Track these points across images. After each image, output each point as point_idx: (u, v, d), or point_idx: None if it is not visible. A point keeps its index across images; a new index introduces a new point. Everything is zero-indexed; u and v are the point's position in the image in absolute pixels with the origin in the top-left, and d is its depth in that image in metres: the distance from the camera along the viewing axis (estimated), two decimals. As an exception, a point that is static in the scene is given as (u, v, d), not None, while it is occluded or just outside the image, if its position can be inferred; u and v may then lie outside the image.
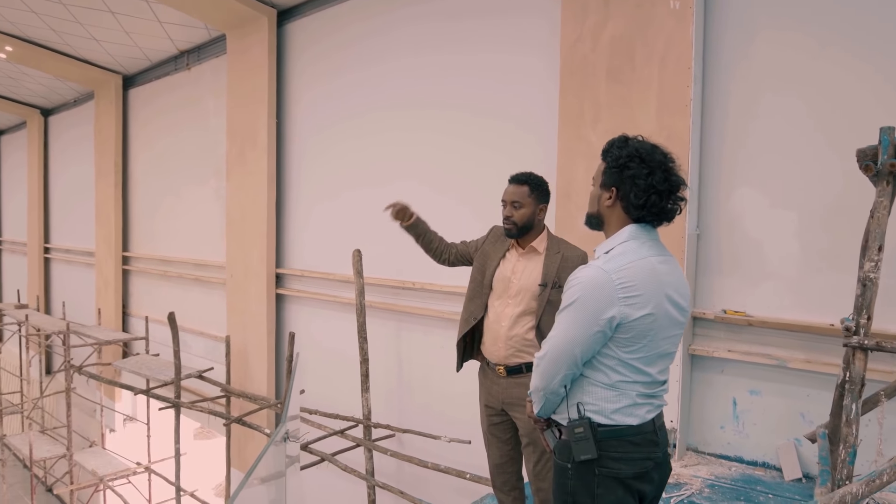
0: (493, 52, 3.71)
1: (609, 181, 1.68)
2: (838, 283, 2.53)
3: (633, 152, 1.64)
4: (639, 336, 1.60)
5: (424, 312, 4.09)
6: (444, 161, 4.01)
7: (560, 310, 1.66)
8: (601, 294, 1.56)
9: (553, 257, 2.47)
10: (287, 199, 5.31)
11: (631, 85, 2.94)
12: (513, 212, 2.46)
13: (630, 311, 1.57)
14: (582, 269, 1.64)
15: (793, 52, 2.64)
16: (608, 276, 1.56)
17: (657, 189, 1.62)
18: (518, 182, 2.48)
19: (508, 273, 2.49)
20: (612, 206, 1.68)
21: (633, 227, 1.66)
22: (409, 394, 4.28)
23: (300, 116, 5.16)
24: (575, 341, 1.61)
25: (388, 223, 4.41)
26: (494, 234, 2.65)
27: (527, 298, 2.42)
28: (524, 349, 2.42)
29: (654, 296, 1.59)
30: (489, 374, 2.53)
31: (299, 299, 5.19)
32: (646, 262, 1.61)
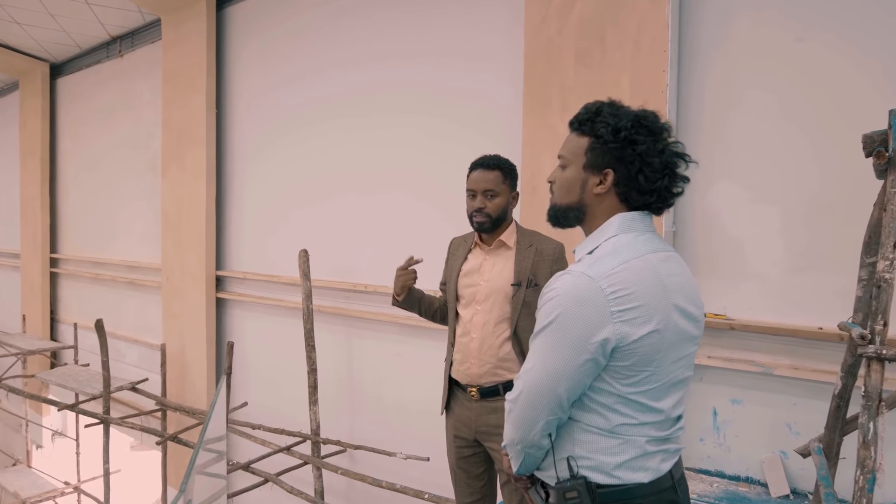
0: (452, 36, 3.44)
1: (602, 160, 1.29)
2: (827, 284, 2.34)
3: (637, 121, 1.27)
4: (643, 362, 1.20)
5: (378, 317, 3.79)
6: (399, 154, 3.71)
7: (534, 334, 1.26)
8: (588, 309, 1.17)
9: (525, 252, 2.17)
10: (228, 197, 4.92)
11: (602, 69, 2.71)
12: (486, 202, 2.17)
13: (628, 330, 1.17)
14: (559, 277, 1.24)
15: (775, 34, 2.44)
16: (594, 283, 1.17)
17: (672, 168, 1.28)
18: (487, 167, 2.17)
19: (474, 275, 2.19)
20: (604, 193, 1.30)
21: (624, 216, 1.29)
22: (361, 406, 3.97)
23: (243, 108, 4.78)
24: (557, 375, 1.21)
25: (339, 221, 4.11)
26: (454, 245, 2.37)
27: (499, 302, 2.13)
28: (501, 365, 2.13)
29: (658, 306, 1.20)
30: (459, 397, 2.22)
31: (242, 303, 4.81)
32: (643, 261, 1.23)
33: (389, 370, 3.80)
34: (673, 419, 1.29)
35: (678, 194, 1.32)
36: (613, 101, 1.35)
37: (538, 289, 2.12)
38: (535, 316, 2.18)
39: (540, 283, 2.13)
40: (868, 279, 1.89)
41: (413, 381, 3.64)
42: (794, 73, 2.39)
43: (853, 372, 1.99)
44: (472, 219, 2.20)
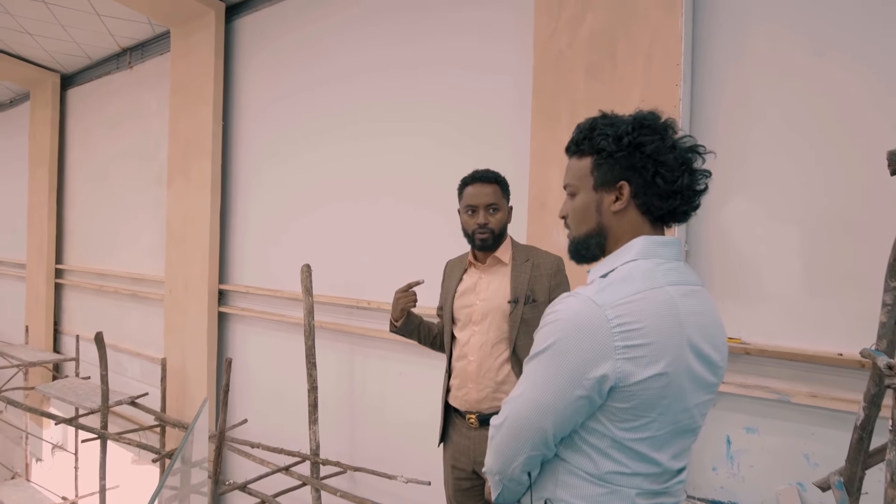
0: (460, 48, 3.38)
1: (611, 175, 1.17)
2: (848, 307, 2.24)
3: (637, 124, 1.17)
4: (644, 407, 1.07)
5: (381, 335, 3.69)
6: (407, 168, 3.64)
7: (529, 356, 1.14)
8: (588, 339, 1.04)
9: (521, 267, 2.10)
10: (233, 209, 4.87)
11: (612, 84, 2.63)
12: (489, 217, 2.09)
13: (631, 370, 1.04)
14: (563, 299, 1.12)
15: (791, 47, 2.36)
16: (600, 311, 1.04)
17: (689, 163, 1.16)
18: (486, 181, 2.11)
19: (470, 294, 2.12)
20: (623, 209, 1.17)
21: (648, 240, 1.16)
22: (362, 427, 3.86)
23: (249, 120, 4.74)
24: (545, 409, 1.09)
25: (343, 235, 4.04)
26: (449, 267, 2.30)
27: (496, 322, 2.04)
28: (500, 388, 2.03)
29: (670, 346, 1.07)
30: (458, 425, 2.13)
31: (244, 318, 4.73)
32: (661, 293, 1.09)
33: (392, 390, 3.70)
34: (672, 472, 1.16)
35: (703, 191, 1.20)
36: (605, 112, 1.26)
37: (536, 305, 2.04)
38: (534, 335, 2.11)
39: (538, 298, 2.06)
40: (893, 304, 1.79)
41: (415, 401, 3.54)
42: (812, 87, 2.30)
43: (877, 402, 1.88)
44: (473, 236, 2.11)
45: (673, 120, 1.21)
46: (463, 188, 2.17)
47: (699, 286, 1.20)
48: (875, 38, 2.18)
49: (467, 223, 2.12)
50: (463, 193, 2.17)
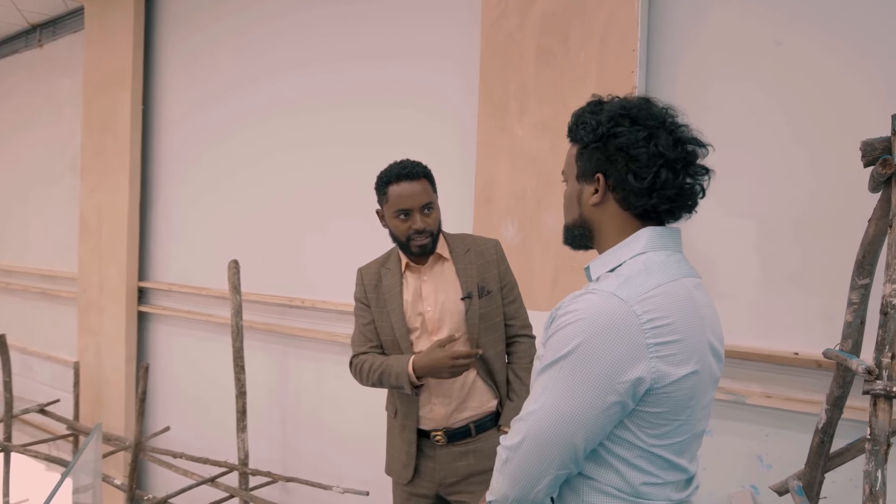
0: (402, 31, 3.18)
1: (589, 166, 1.11)
2: (805, 306, 2.17)
3: (616, 112, 1.08)
4: (677, 409, 0.99)
5: (316, 335, 3.46)
6: (346, 160, 3.41)
7: (543, 367, 1.01)
8: (619, 339, 0.95)
9: (464, 258, 1.90)
10: (154, 202, 4.52)
11: (565, 69, 2.49)
12: (426, 220, 1.83)
13: (666, 369, 0.96)
14: (579, 298, 1.01)
15: (750, 35, 2.27)
16: (627, 307, 0.96)
17: (667, 158, 1.04)
18: (415, 177, 1.85)
19: (416, 304, 1.88)
20: (600, 202, 1.10)
21: (654, 231, 1.07)
22: (295, 434, 3.62)
23: (173, 107, 4.40)
24: (576, 420, 0.97)
25: (274, 231, 3.78)
26: (369, 275, 1.99)
27: (454, 325, 1.85)
28: (470, 398, 1.85)
29: (697, 342, 1.01)
30: (422, 447, 1.91)
31: (166, 318, 4.40)
32: (679, 286, 1.02)
33: (327, 394, 3.48)
34: (692, 476, 1.11)
35: (692, 190, 1.08)
36: (601, 98, 1.17)
37: (491, 296, 1.86)
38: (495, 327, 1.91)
39: (492, 288, 1.89)
40: (860, 303, 1.71)
41: (353, 406, 3.33)
42: (773, 76, 2.22)
43: (839, 405, 1.81)
44: (409, 243, 1.85)
45: (666, 109, 1.09)
46: (385, 187, 1.88)
47: (699, 277, 1.13)
48: (838, 28, 2.11)
49: (399, 228, 1.85)
50: (387, 194, 1.87)
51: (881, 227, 1.60)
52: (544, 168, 2.52)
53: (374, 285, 1.97)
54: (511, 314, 1.97)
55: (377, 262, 2.04)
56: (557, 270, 2.51)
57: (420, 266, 1.92)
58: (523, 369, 1.95)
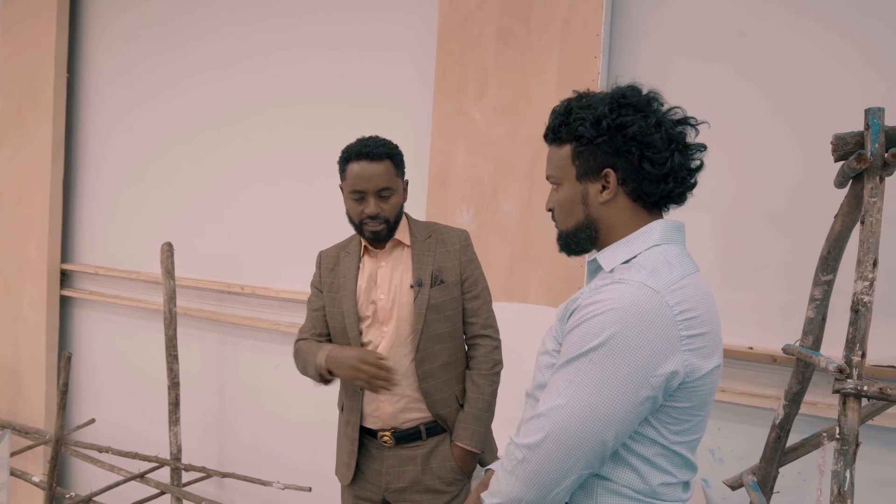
0: (353, 7, 3.01)
1: (594, 162, 1.07)
2: (761, 300, 2.17)
3: (616, 102, 1.05)
4: (702, 404, 0.99)
5: (255, 323, 3.29)
6: (286, 143, 3.24)
7: (567, 359, 0.95)
8: (654, 329, 0.92)
9: (424, 244, 1.79)
10: (80, 178, 4.20)
11: (526, 50, 2.40)
12: (381, 206, 1.71)
13: (697, 363, 0.95)
14: (606, 288, 0.97)
15: (714, 25, 2.23)
16: (660, 298, 0.93)
17: (678, 141, 1.06)
18: (375, 157, 1.71)
19: (370, 290, 1.77)
20: (613, 198, 1.07)
21: (667, 223, 1.07)
22: (233, 427, 3.45)
23: (103, 72, 4.08)
24: (607, 416, 0.92)
25: (212, 213, 3.57)
26: (328, 258, 1.88)
27: (407, 316, 1.75)
28: (420, 399, 1.74)
29: (718, 336, 1.02)
30: (365, 446, 1.81)
31: (92, 303, 4.11)
32: (698, 278, 1.03)
33: (267, 385, 3.32)
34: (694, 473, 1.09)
35: (698, 169, 1.10)
36: (581, 92, 1.14)
37: (446, 286, 1.75)
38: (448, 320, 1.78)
39: (447, 279, 1.77)
40: (822, 298, 1.70)
41: (295, 398, 3.18)
42: (736, 66, 2.19)
43: (797, 401, 1.80)
44: (361, 227, 1.74)
45: (656, 92, 1.10)
46: (346, 164, 1.75)
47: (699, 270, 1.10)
48: (805, 16, 2.09)
49: (353, 210, 1.74)
50: (346, 171, 1.75)
51: (847, 223, 1.59)
52: (503, 153, 2.43)
53: (331, 269, 1.86)
54: (472, 311, 1.84)
55: (338, 246, 1.92)
56: (514, 260, 2.43)
57: (379, 251, 1.82)
58: (482, 375, 1.81)
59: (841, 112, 1.94)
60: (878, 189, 1.41)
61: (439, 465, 1.78)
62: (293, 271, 3.18)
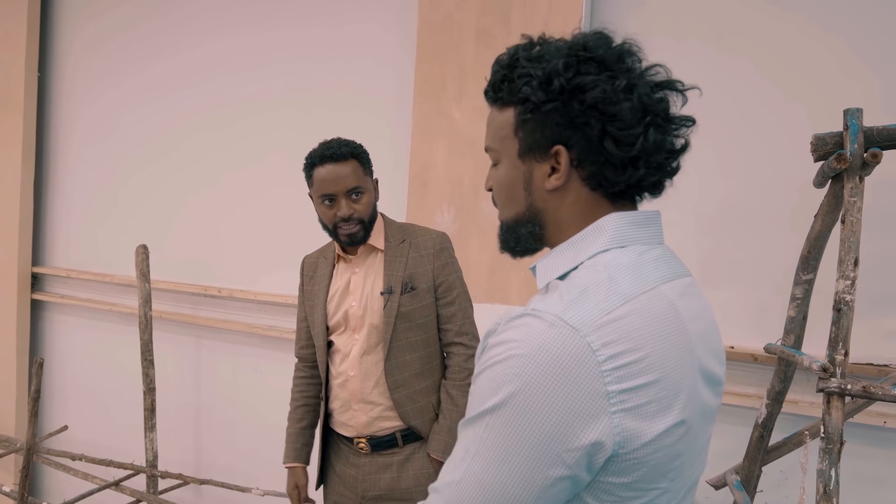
0: (332, 8, 2.98)
1: (542, 136, 0.80)
2: (740, 299, 2.17)
3: (576, 55, 0.78)
4: (654, 476, 0.71)
5: (232, 327, 3.24)
6: (266, 142, 3.19)
7: (467, 419, 0.73)
8: (568, 386, 0.66)
9: (397, 249, 1.76)
10: (51, 178, 4.11)
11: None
12: (353, 206, 1.69)
13: (638, 426, 0.68)
14: (516, 322, 0.71)
15: (692, 28, 2.24)
16: (580, 339, 0.67)
17: (653, 112, 0.78)
18: (340, 158, 1.69)
19: (344, 296, 1.76)
20: (564, 186, 0.80)
21: (620, 217, 0.80)
22: (210, 433, 3.39)
23: (77, 74, 4.00)
24: (506, 500, 0.68)
25: (189, 214, 3.50)
26: (309, 265, 1.89)
27: (376, 321, 1.73)
28: (393, 407, 1.72)
29: (682, 377, 0.72)
30: (342, 452, 1.80)
31: (64, 307, 4.02)
32: (657, 297, 0.74)
33: (245, 389, 3.27)
34: None
35: (682, 150, 0.83)
36: (532, 38, 0.85)
37: (417, 293, 1.71)
38: (420, 328, 1.74)
39: (418, 285, 1.73)
40: (803, 298, 1.70)
41: (274, 402, 3.12)
42: (714, 66, 2.20)
43: (780, 400, 1.81)
44: (336, 231, 1.72)
45: (632, 44, 0.82)
46: (311, 170, 1.74)
47: (688, 274, 0.85)
48: (786, 16, 2.10)
49: (326, 215, 1.72)
50: (313, 177, 1.73)
51: (827, 223, 1.59)
52: (484, 154, 2.40)
53: (311, 276, 1.86)
54: (446, 317, 1.79)
55: (319, 251, 1.91)
56: (494, 261, 2.42)
57: (352, 257, 1.79)
58: (455, 386, 1.77)
59: (820, 111, 1.96)
60: (858, 189, 1.41)
61: (416, 472, 1.76)
62: (270, 274, 3.14)
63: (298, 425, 1.91)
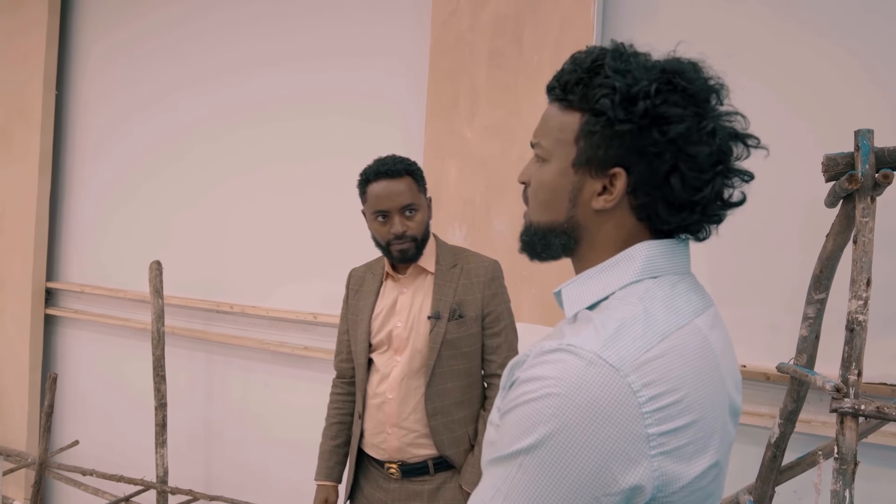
0: (347, 31, 3.03)
1: (607, 153, 0.75)
2: (754, 318, 2.18)
3: (666, 80, 0.74)
4: None
5: (244, 342, 3.25)
6: (280, 160, 3.23)
7: (496, 457, 0.69)
8: (608, 429, 0.63)
9: (448, 274, 1.72)
10: (67, 194, 4.16)
11: (518, 71, 2.42)
12: (406, 223, 1.67)
13: (677, 469, 0.66)
14: (549, 357, 0.68)
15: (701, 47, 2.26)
16: (620, 380, 0.64)
17: (726, 162, 0.77)
18: (395, 175, 1.68)
19: (390, 316, 1.73)
20: (612, 208, 0.77)
21: (653, 246, 0.77)
22: (221, 448, 3.40)
23: (92, 89, 4.07)
24: None
25: (201, 230, 3.54)
26: (355, 278, 1.87)
27: (420, 345, 1.70)
28: (429, 434, 1.69)
29: (716, 417, 0.71)
30: (371, 475, 1.77)
31: (78, 322, 4.05)
32: (692, 334, 0.72)
33: (256, 406, 3.28)
34: None
35: (735, 205, 0.80)
36: (620, 45, 0.81)
37: (464, 322, 1.67)
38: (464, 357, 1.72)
39: (466, 313, 1.69)
40: (815, 317, 1.71)
41: (284, 417, 3.15)
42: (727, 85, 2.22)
43: (793, 419, 1.80)
44: (388, 248, 1.70)
45: (722, 84, 0.80)
46: (365, 186, 1.71)
47: (713, 305, 0.83)
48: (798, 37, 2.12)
49: (379, 232, 1.70)
50: (367, 193, 1.71)
51: (839, 243, 1.60)
52: (495, 172, 2.44)
53: (356, 290, 1.84)
54: (492, 348, 1.74)
55: (367, 265, 1.89)
56: (506, 279, 2.42)
57: (402, 276, 1.76)
58: None
59: (830, 131, 1.97)
60: (870, 209, 1.42)
61: (447, 503, 1.72)
62: (283, 290, 3.16)
63: (332, 443, 1.88)
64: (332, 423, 1.90)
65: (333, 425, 1.90)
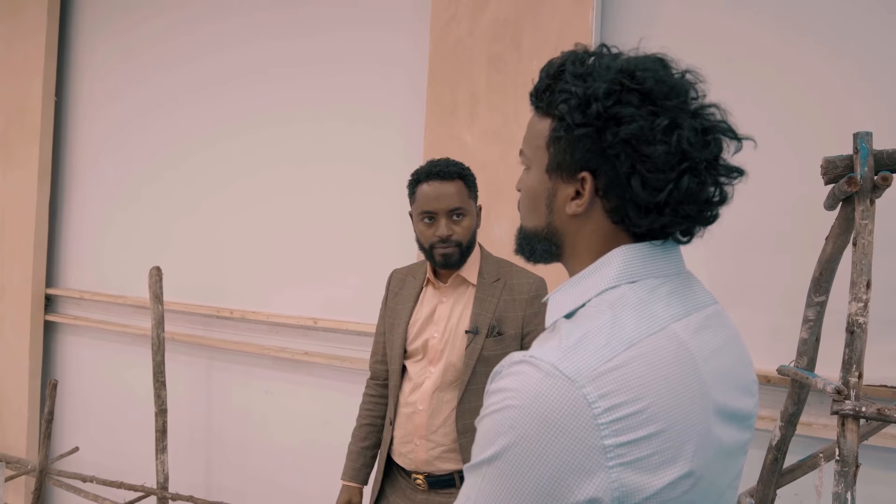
0: (346, 36, 3.04)
1: (571, 158, 0.75)
2: (751, 322, 2.17)
3: (619, 82, 0.72)
4: None
5: (244, 348, 3.25)
6: (280, 165, 3.23)
7: (469, 464, 0.71)
8: (562, 440, 0.62)
9: (490, 288, 1.67)
10: (66, 200, 4.17)
11: (517, 76, 2.43)
12: (453, 227, 1.64)
13: (638, 480, 0.63)
14: (514, 366, 0.68)
15: (701, 52, 2.27)
16: (575, 391, 0.63)
17: (693, 159, 0.72)
18: (446, 177, 1.65)
19: (427, 325, 1.69)
20: (585, 212, 0.77)
21: (629, 251, 0.75)
22: (221, 455, 3.39)
23: (92, 95, 4.07)
24: None
25: (201, 236, 3.55)
26: (396, 280, 1.83)
27: (456, 358, 1.67)
28: (457, 450, 1.65)
29: (691, 426, 0.67)
30: (399, 484, 1.74)
31: (77, 329, 4.05)
32: (665, 339, 0.70)
33: (257, 411, 3.27)
34: None
35: (718, 203, 0.78)
36: (586, 51, 0.81)
37: (503, 339, 1.61)
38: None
39: (506, 330, 1.64)
40: (815, 319, 1.71)
41: (284, 423, 3.14)
42: (723, 92, 2.22)
43: (794, 422, 1.81)
44: (432, 251, 1.66)
45: (696, 75, 0.78)
46: (415, 187, 1.68)
47: (713, 303, 0.82)
48: (795, 43, 2.13)
49: (424, 234, 1.66)
50: (416, 194, 1.68)
51: (839, 245, 1.61)
52: (494, 177, 2.45)
53: (396, 292, 1.80)
54: None
55: (409, 268, 1.86)
56: (506, 283, 2.43)
57: (443, 285, 1.73)
58: None
59: (829, 133, 1.98)
60: (869, 211, 1.43)
61: None
62: (283, 295, 3.16)
63: (361, 444, 1.86)
64: (363, 424, 1.87)
65: (363, 426, 1.87)
